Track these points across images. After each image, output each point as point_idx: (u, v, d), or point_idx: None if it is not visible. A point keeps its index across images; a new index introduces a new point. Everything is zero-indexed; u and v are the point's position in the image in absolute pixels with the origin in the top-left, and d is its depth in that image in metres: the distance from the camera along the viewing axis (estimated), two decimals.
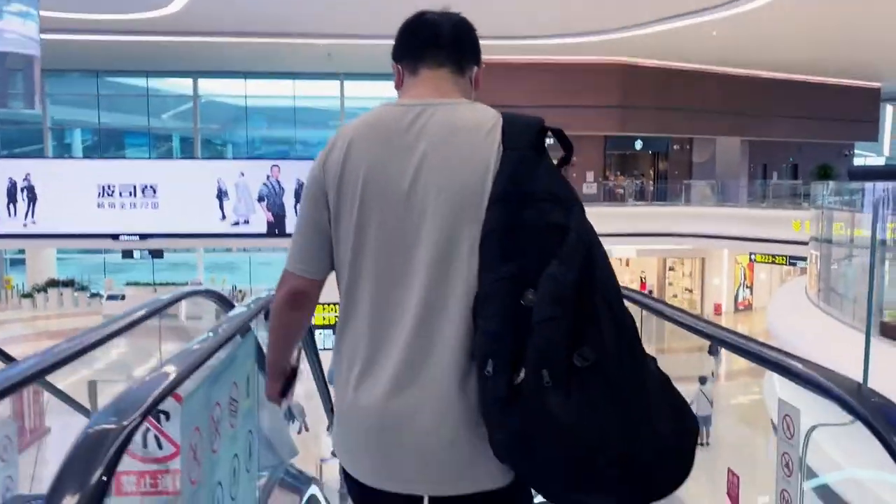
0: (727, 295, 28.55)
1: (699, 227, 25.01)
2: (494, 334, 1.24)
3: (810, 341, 6.44)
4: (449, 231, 1.33)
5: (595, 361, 1.16)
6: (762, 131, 31.04)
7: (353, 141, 1.41)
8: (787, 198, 27.46)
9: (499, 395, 1.21)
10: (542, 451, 1.20)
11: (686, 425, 1.29)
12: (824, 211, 8.80)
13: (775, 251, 24.66)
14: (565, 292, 1.18)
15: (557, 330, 1.17)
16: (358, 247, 1.37)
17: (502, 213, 1.29)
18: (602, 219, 25.09)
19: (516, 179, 1.30)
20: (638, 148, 30.71)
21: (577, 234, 1.25)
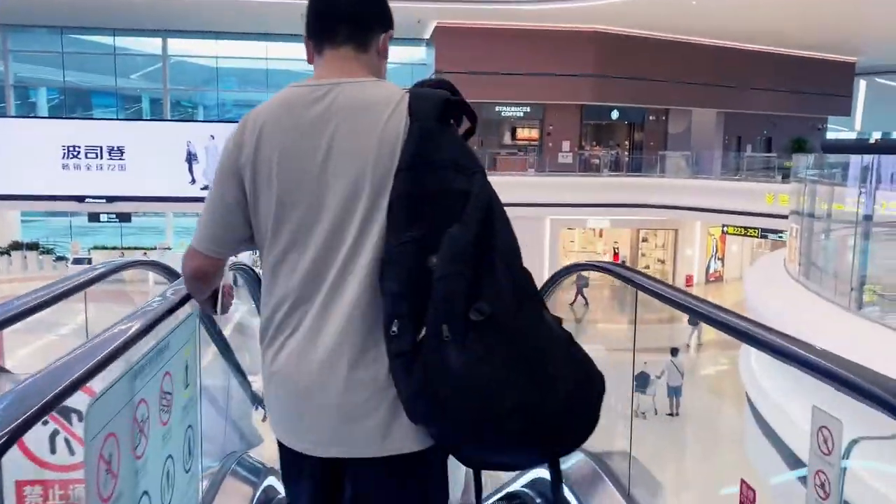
0: (699, 266, 28.74)
1: (673, 199, 25.06)
2: (399, 295, 1.30)
3: (793, 318, 6.31)
4: (360, 201, 1.38)
5: (491, 315, 1.21)
6: (738, 103, 31.07)
7: (265, 123, 1.44)
8: (760, 171, 27.57)
9: (402, 350, 1.27)
10: (446, 403, 1.24)
11: (588, 380, 1.33)
12: (807, 184, 8.64)
13: (748, 224, 24.79)
14: (463, 250, 1.25)
15: (456, 285, 1.23)
16: (277, 224, 1.42)
17: (408, 181, 1.34)
18: (578, 189, 25.33)
19: (422, 149, 1.36)
20: (614, 118, 30.58)
21: (476, 198, 1.31)
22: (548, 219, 26.25)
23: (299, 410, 1.38)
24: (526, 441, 1.28)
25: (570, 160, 28.29)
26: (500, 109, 29.20)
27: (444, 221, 1.30)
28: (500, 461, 1.49)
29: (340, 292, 1.38)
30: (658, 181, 26.48)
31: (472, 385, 1.22)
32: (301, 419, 1.39)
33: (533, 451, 1.33)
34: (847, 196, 7.85)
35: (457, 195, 1.33)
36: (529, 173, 27.07)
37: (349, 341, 1.36)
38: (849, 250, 6.37)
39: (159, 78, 27.89)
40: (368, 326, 1.36)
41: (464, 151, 1.40)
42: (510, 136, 30.31)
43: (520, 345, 1.25)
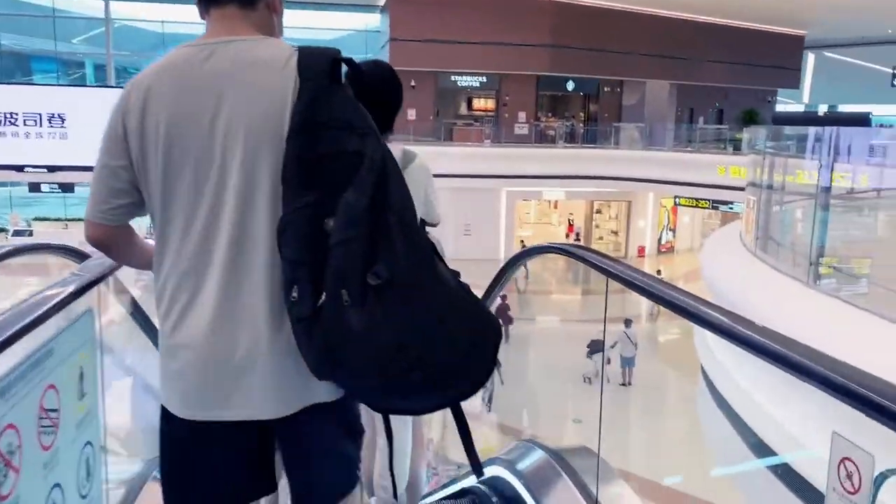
0: (651, 237, 29.04)
1: (627, 171, 25.18)
2: (297, 262, 1.29)
3: (749, 293, 6.23)
4: (252, 166, 1.36)
5: (389, 278, 1.22)
6: (691, 75, 31.29)
7: (151, 87, 1.40)
8: (712, 142, 27.86)
9: (303, 316, 1.28)
10: (350, 362, 1.28)
11: (483, 330, 1.36)
12: (765, 156, 8.58)
13: (699, 195, 25.05)
14: (359, 215, 1.24)
15: (352, 251, 1.24)
16: (167, 190, 1.39)
17: (300, 144, 1.33)
18: (533, 161, 25.25)
19: (312, 110, 1.34)
20: (570, 89, 30.56)
21: (370, 160, 1.29)
22: (504, 190, 26.16)
23: (218, 379, 1.37)
24: (427, 391, 1.34)
25: (526, 131, 28.19)
26: (455, 79, 28.90)
27: (338, 184, 1.30)
28: (405, 408, 1.65)
29: (242, 262, 1.37)
30: (612, 153, 26.56)
31: (372, 346, 1.25)
32: (220, 388, 1.38)
33: (433, 398, 1.41)
34: (805, 168, 7.83)
35: (351, 157, 1.31)
36: (486, 144, 26.89)
37: (255, 310, 1.36)
38: (807, 223, 6.34)
39: (103, 43, 26.84)
40: (272, 294, 1.36)
41: (356, 112, 1.37)
42: (466, 107, 30.06)
43: (417, 303, 1.27)
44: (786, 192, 8.45)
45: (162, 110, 1.38)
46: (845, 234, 6.67)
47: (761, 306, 5.74)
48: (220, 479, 1.49)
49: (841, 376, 1.05)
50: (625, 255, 28.66)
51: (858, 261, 6.40)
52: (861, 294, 5.88)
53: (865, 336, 4.92)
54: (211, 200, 1.38)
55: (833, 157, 6.46)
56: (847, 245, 6.70)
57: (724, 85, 32.80)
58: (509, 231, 27.16)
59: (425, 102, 28.13)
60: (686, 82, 31.63)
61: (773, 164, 8.32)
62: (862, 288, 6.01)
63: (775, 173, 8.31)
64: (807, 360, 1.12)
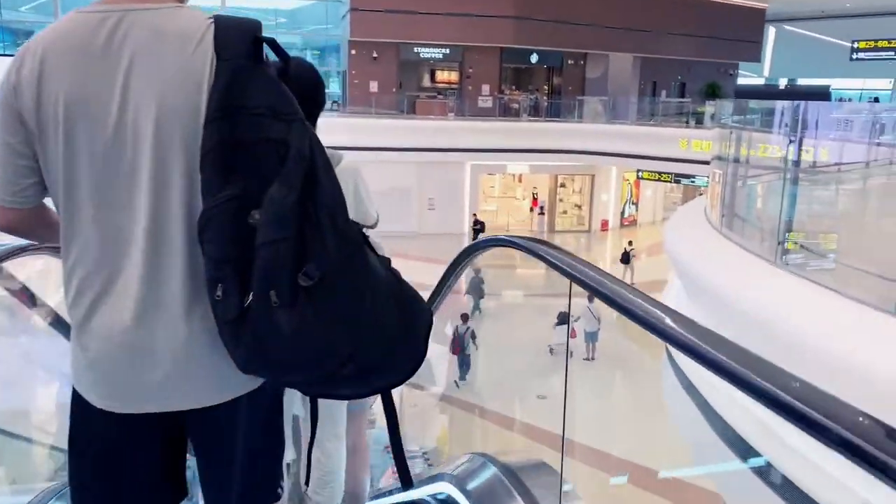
0: (614, 211, 29.20)
1: (590, 144, 25.18)
2: (220, 260, 1.23)
3: (716, 274, 6.17)
4: (165, 154, 1.27)
5: (320, 277, 1.18)
6: (654, 48, 31.36)
7: (46, 56, 1.28)
8: (674, 116, 28.00)
9: (229, 318, 1.22)
10: (278, 363, 1.25)
11: (413, 319, 1.36)
12: (732, 131, 8.50)
13: (662, 169, 25.20)
14: (286, 214, 1.18)
15: (281, 252, 1.18)
16: (70, 175, 1.29)
17: (219, 131, 1.23)
18: (497, 134, 25.20)
19: (232, 93, 1.24)
20: (533, 62, 30.41)
21: (297, 151, 1.22)
22: (468, 164, 26.01)
23: (136, 371, 1.32)
24: (358, 382, 1.35)
25: (490, 104, 28.02)
26: (418, 51, 28.54)
27: (263, 174, 1.22)
28: (335, 395, 1.69)
29: (158, 256, 1.29)
30: (576, 126, 26.53)
31: (304, 347, 1.22)
32: (138, 380, 1.33)
33: (364, 388, 1.47)
34: (772, 143, 7.79)
35: (275, 145, 1.23)
36: (449, 118, 26.66)
37: (173, 306, 1.30)
38: (774, 199, 6.30)
39: (51, 11, 25.89)
40: (192, 290, 1.30)
41: (281, 95, 1.27)
42: (429, 79, 29.76)
43: (349, 298, 1.24)
44: (751, 166, 8.42)
45: (61, 84, 1.26)
46: (810, 209, 6.65)
47: (728, 288, 5.69)
48: (133, 473, 1.43)
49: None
50: (588, 229, 28.82)
51: (825, 236, 6.40)
52: (828, 270, 5.87)
53: (835, 319, 4.90)
54: (122, 191, 1.28)
55: (801, 132, 6.42)
56: (813, 220, 6.67)
57: (687, 58, 32.94)
58: (474, 205, 27.06)
59: (387, 74, 27.78)
60: (649, 55, 31.69)
61: (739, 139, 8.25)
62: (829, 264, 6.01)
63: (742, 148, 8.25)
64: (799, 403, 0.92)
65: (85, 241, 1.31)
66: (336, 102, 28.37)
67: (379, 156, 23.67)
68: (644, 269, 22.57)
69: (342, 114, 26.83)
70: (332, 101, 28.66)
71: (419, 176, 25.45)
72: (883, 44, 26.56)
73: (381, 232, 2.17)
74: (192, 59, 1.26)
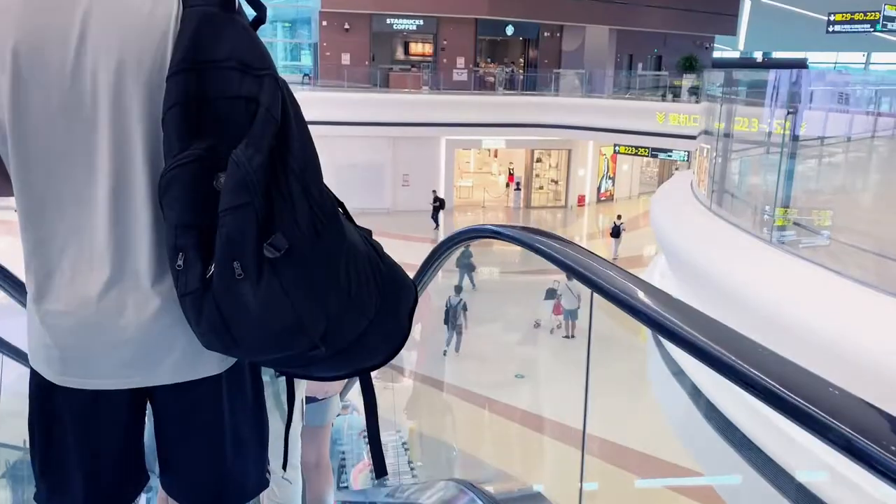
0: (591, 186, 29.05)
1: (567, 118, 24.93)
2: (182, 226, 1.15)
3: (708, 255, 5.82)
4: (126, 108, 1.18)
5: (288, 248, 1.11)
6: (630, 21, 31.13)
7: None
8: (650, 89, 27.85)
9: (189, 290, 1.15)
10: (246, 340, 1.17)
11: (395, 295, 1.29)
12: (722, 103, 8.14)
13: (639, 143, 25.05)
14: (252, 178, 1.10)
15: (244, 219, 1.10)
16: (20, 130, 1.18)
17: (183, 85, 1.15)
18: (473, 108, 24.90)
19: (199, 43, 1.15)
20: (509, 34, 29.98)
21: (266, 109, 1.13)
22: (443, 139, 25.60)
23: (100, 347, 1.26)
24: (334, 364, 1.29)
25: (465, 77, 27.58)
26: (391, 22, 27.94)
27: (230, 133, 1.13)
28: (311, 377, 1.57)
29: (121, 221, 1.21)
30: (552, 100, 26.21)
31: (271, 324, 1.14)
32: (105, 353, 1.26)
33: (341, 370, 1.37)
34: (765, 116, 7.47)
35: (244, 102, 1.14)
36: (423, 91, 26.18)
37: (138, 274, 1.22)
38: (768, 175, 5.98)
39: None
40: (157, 257, 1.22)
41: (252, 47, 1.18)
42: (403, 52, 29.21)
43: (321, 272, 1.16)
44: (742, 141, 8.10)
45: (9, 29, 1.16)
46: (808, 185, 6.32)
47: (721, 268, 5.36)
48: (101, 454, 1.36)
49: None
50: (565, 205, 28.64)
51: (818, 212, 6.10)
52: (822, 246, 5.59)
53: (832, 298, 4.62)
54: (80, 149, 1.19)
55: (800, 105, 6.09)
56: (808, 195, 6.33)
57: (663, 31, 32.78)
58: (449, 181, 26.72)
59: (360, 47, 27.20)
60: (625, 27, 31.44)
61: (731, 112, 7.91)
62: (822, 241, 5.72)
63: (733, 121, 7.91)
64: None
65: (40, 201, 1.22)
66: (307, 76, 27.83)
67: (351, 130, 23.24)
68: (626, 244, 22.61)
69: (313, 87, 26.26)
70: (303, 75, 28.11)
71: (393, 151, 25.03)
72: (859, 16, 26.40)
73: (354, 209, 1.95)
74: (157, 5, 1.18)
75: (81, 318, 1.25)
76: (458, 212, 27.27)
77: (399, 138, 24.50)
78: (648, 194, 31.81)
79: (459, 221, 26.84)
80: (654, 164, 31.84)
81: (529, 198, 28.54)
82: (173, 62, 1.16)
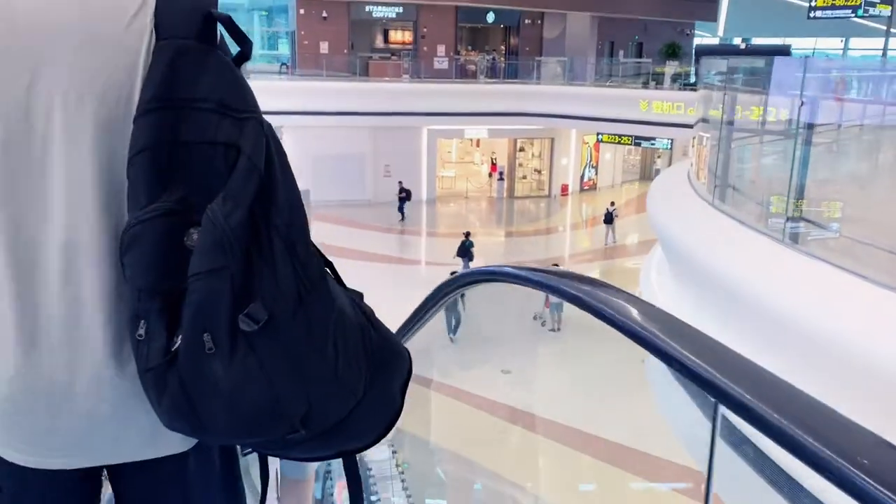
0: (574, 175, 28.89)
1: (550, 107, 24.75)
2: (145, 290, 1.02)
3: (715, 256, 5.42)
4: (87, 150, 1.06)
5: (267, 319, 0.98)
6: (611, 7, 30.95)
7: None
8: (632, 77, 27.71)
9: (151, 364, 1.01)
10: (213, 423, 1.03)
11: (387, 370, 1.14)
12: (727, 91, 7.80)
13: (622, 131, 24.92)
14: (229, 238, 0.97)
15: (218, 286, 0.98)
16: None
17: (154, 127, 1.02)
18: (454, 97, 24.61)
19: (173, 80, 1.02)
20: (490, 21, 29.64)
21: (248, 157, 1.00)
22: (424, 129, 25.25)
23: (52, 418, 1.11)
24: (316, 446, 1.12)
25: (446, 66, 27.22)
26: (370, 9, 27.45)
27: (206, 183, 0.99)
28: (289, 457, 1.38)
29: (77, 277, 1.06)
30: (535, 88, 25.97)
31: (245, 404, 0.99)
32: (57, 429, 1.12)
33: (324, 451, 1.18)
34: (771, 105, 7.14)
35: (223, 149, 1.00)
36: (404, 80, 25.78)
37: (93, 339, 1.07)
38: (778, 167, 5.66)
39: None
40: (115, 321, 1.07)
41: (234, 86, 1.04)
42: (382, 39, 28.75)
43: (304, 347, 1.00)
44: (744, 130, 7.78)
45: None
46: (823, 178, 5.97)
47: (733, 272, 4.99)
48: None
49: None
50: (548, 194, 28.44)
51: (828, 204, 5.79)
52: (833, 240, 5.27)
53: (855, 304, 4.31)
54: (34, 192, 1.07)
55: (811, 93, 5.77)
56: (819, 186, 5.99)
57: (643, 17, 32.64)
58: (431, 171, 26.40)
59: (338, 35, 26.71)
60: (606, 14, 31.24)
61: (734, 100, 7.58)
62: (833, 235, 5.41)
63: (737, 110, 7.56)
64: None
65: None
66: (285, 65, 27.33)
67: (331, 121, 22.84)
68: (616, 232, 22.74)
69: (291, 77, 25.79)
70: (280, 64, 27.59)
71: (374, 141, 24.65)
72: (840, 1, 26.29)
73: (335, 201, 1.73)
74: (126, 36, 1.07)
75: (29, 388, 1.12)
76: (440, 202, 26.99)
77: (380, 128, 24.12)
78: (631, 182, 31.81)
79: (442, 212, 26.60)
80: (635, 153, 31.74)
81: (513, 188, 28.33)
82: (142, 101, 1.03)
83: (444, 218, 26.06)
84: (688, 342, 1.06)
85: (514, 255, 21.76)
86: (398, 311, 12.07)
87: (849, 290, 4.50)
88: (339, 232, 20.92)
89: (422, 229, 24.45)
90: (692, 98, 21.53)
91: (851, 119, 7.08)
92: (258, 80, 24.52)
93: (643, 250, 20.23)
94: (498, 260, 20.03)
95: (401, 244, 22.27)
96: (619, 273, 20.91)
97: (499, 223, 26.62)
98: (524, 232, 24.96)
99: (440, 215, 26.26)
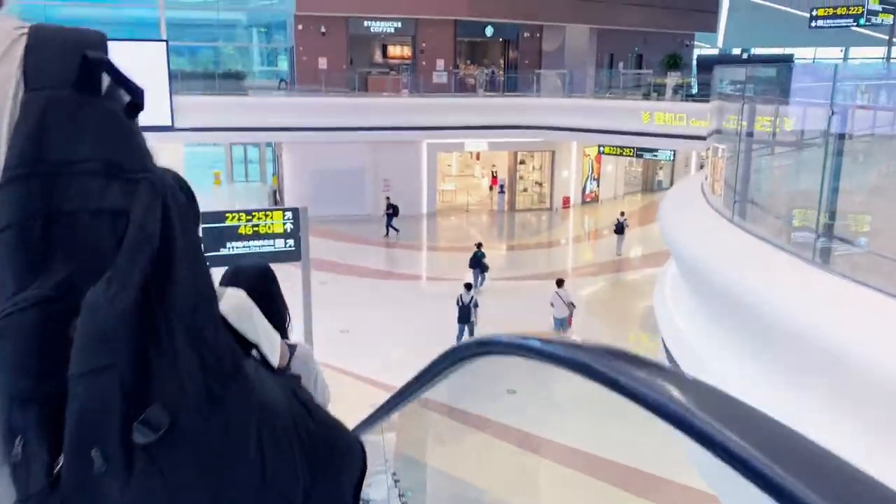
0: (575, 188, 28.69)
1: (550, 119, 24.61)
2: (18, 399, 0.84)
3: (740, 275, 5.10)
4: None
5: (170, 425, 0.82)
6: (610, 19, 30.87)
7: None
8: (632, 88, 27.57)
9: (32, 491, 0.84)
10: None
11: (333, 468, 1.00)
12: (745, 101, 7.51)
13: (624, 143, 24.74)
14: (114, 326, 0.81)
15: (105, 388, 0.82)
16: None
17: (21, 198, 0.86)
18: (454, 111, 24.42)
19: (42, 140, 0.85)
20: (489, 35, 29.53)
21: (140, 226, 0.84)
22: (424, 143, 25.06)
23: None
24: None
25: (445, 80, 27.09)
26: (368, 24, 27.34)
27: (91, 261, 0.83)
28: None
29: None
30: (534, 101, 25.83)
31: None
32: None
33: None
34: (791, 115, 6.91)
35: (108, 218, 0.84)
36: (403, 94, 25.63)
37: None
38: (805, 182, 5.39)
39: None
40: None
41: (123, 141, 0.87)
42: (381, 54, 28.64)
43: (220, 453, 0.85)
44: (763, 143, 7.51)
45: None
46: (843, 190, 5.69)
47: (761, 294, 4.65)
48: None
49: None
50: (550, 207, 28.22)
51: (855, 217, 5.51)
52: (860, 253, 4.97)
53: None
54: None
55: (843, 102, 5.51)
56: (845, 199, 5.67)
57: (643, 29, 32.55)
58: (431, 185, 26.19)
59: (337, 50, 26.58)
60: (605, 26, 31.16)
61: (753, 111, 7.30)
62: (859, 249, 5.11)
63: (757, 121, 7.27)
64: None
65: None
66: (283, 81, 27.17)
67: (330, 136, 22.66)
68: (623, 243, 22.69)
69: (290, 93, 25.63)
70: (279, 80, 27.45)
71: (373, 156, 24.46)
72: (842, 10, 26.22)
73: (334, 216, 1.58)
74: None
75: None
76: (440, 216, 26.76)
77: (379, 143, 23.94)
78: (633, 194, 31.61)
79: (443, 226, 26.37)
80: (637, 165, 31.56)
81: (514, 200, 28.12)
82: (5, 168, 0.86)
83: (444, 232, 25.84)
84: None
85: (516, 268, 21.51)
86: (395, 329, 11.84)
87: (884, 311, 4.22)
88: (338, 247, 20.74)
89: (422, 243, 24.22)
90: (694, 109, 21.44)
91: (881, 127, 6.83)
92: (258, 96, 24.46)
93: (649, 263, 20.00)
94: (501, 273, 19.77)
95: (400, 259, 22.04)
96: (626, 286, 20.66)
97: (500, 236, 26.39)
98: (526, 245, 24.72)
99: (441, 229, 26.02)
